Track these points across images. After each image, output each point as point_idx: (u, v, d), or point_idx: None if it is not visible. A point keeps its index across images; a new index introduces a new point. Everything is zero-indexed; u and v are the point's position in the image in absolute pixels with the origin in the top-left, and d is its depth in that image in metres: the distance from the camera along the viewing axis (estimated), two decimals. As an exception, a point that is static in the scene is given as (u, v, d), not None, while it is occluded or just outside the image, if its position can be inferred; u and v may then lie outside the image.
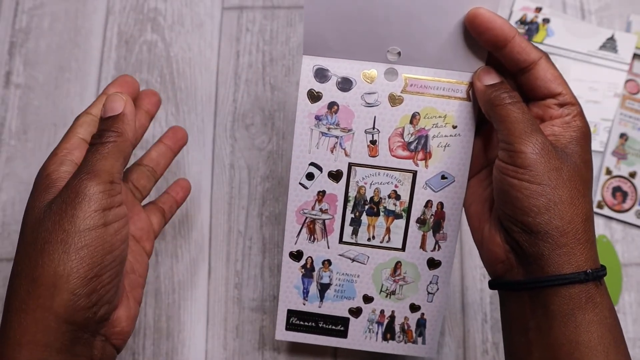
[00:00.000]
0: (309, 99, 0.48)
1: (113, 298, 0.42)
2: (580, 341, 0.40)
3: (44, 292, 0.39)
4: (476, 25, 0.43)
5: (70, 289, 0.39)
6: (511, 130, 0.41)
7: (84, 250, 0.39)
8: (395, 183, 0.49)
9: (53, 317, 0.39)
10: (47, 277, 0.39)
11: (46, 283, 0.39)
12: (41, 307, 0.39)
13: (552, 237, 0.40)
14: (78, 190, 0.40)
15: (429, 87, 0.47)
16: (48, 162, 0.43)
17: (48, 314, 0.39)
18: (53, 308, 0.39)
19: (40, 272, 0.39)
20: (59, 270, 0.39)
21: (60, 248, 0.39)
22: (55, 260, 0.39)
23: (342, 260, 0.51)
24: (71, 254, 0.39)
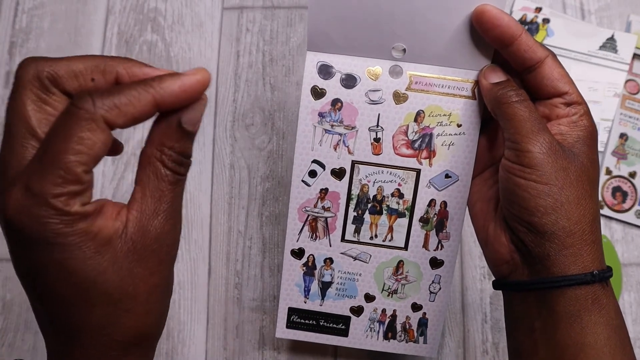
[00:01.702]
0: (313, 95, 0.47)
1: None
2: (587, 342, 0.39)
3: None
4: (483, 22, 0.42)
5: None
6: (518, 129, 0.41)
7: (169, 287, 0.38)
8: (399, 181, 0.49)
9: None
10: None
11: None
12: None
13: (558, 238, 0.40)
14: (167, 243, 0.35)
15: (434, 85, 0.47)
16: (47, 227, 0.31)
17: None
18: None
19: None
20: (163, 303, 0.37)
21: (155, 282, 0.35)
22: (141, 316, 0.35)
23: (344, 259, 0.51)
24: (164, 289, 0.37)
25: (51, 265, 0.31)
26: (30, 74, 0.32)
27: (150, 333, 0.36)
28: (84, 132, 0.30)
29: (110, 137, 0.31)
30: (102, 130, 0.31)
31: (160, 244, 0.34)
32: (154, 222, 0.34)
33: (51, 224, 0.30)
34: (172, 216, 0.34)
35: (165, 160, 0.34)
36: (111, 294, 0.33)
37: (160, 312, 0.37)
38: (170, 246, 0.35)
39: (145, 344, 0.36)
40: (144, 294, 0.34)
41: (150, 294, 0.35)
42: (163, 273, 0.35)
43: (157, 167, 0.34)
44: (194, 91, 0.34)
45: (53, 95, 0.33)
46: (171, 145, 0.34)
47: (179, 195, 0.35)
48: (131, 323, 0.34)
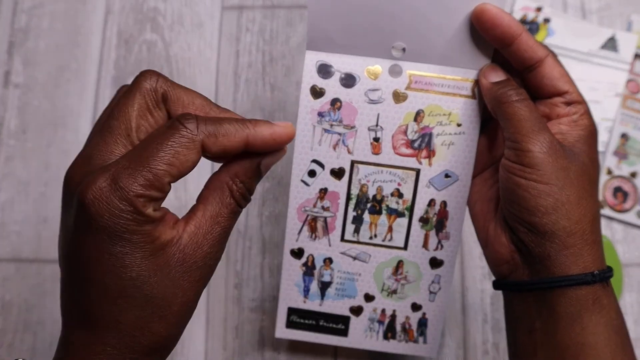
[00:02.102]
0: (312, 95, 0.47)
1: None
2: (587, 343, 0.39)
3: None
4: (483, 22, 0.42)
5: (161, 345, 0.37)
6: (518, 128, 0.41)
7: (183, 319, 0.38)
8: (398, 181, 0.49)
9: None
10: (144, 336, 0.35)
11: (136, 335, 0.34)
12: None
13: (559, 238, 0.40)
14: (213, 259, 0.37)
15: (434, 85, 0.47)
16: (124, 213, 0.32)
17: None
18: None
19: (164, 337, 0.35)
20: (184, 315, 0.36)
21: (182, 293, 0.35)
22: (162, 326, 0.35)
23: (344, 259, 0.51)
24: (175, 322, 0.36)
25: (109, 256, 0.32)
26: (149, 85, 0.36)
27: (171, 344, 0.37)
28: (181, 148, 0.33)
29: (199, 160, 0.34)
30: (197, 151, 0.34)
31: (205, 263, 0.36)
32: (207, 240, 0.35)
33: (125, 218, 0.32)
34: (221, 241, 0.36)
35: (234, 189, 0.36)
36: (153, 297, 0.34)
37: (184, 326, 0.37)
38: (212, 267, 0.37)
39: (163, 353, 0.36)
40: (179, 305, 0.35)
41: (184, 306, 0.35)
42: (199, 290, 0.36)
43: (224, 193, 0.36)
44: (281, 141, 0.37)
45: (159, 110, 0.36)
46: (244, 180, 0.37)
47: (232, 226, 0.37)
48: (160, 330, 0.35)
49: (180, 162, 0.33)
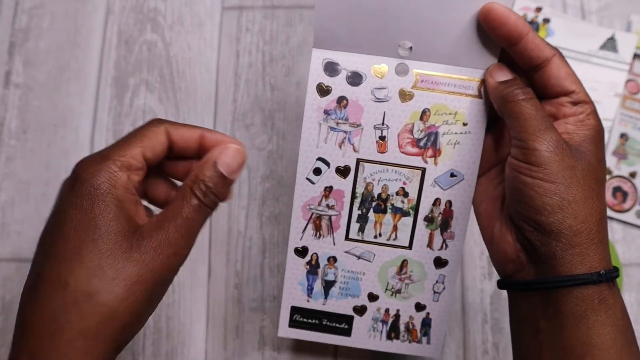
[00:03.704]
0: (318, 92, 0.47)
1: None
2: (593, 343, 0.39)
3: (118, 327, 0.37)
4: (490, 20, 0.42)
5: (137, 331, 0.40)
6: (524, 127, 0.41)
7: (155, 301, 0.40)
8: (404, 180, 0.49)
9: (114, 350, 0.38)
10: (124, 316, 0.37)
11: (123, 321, 0.37)
12: (111, 340, 0.37)
13: (565, 237, 0.40)
14: (173, 246, 0.39)
15: (440, 84, 0.47)
16: (111, 174, 0.39)
17: (113, 347, 0.38)
18: (120, 344, 0.38)
19: (120, 308, 0.37)
20: (136, 312, 0.38)
21: (142, 294, 0.38)
22: (135, 304, 0.37)
23: (348, 258, 0.51)
24: (147, 302, 0.38)
25: (82, 212, 0.38)
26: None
27: (118, 318, 0.37)
28: (150, 130, 0.41)
29: (166, 143, 0.41)
30: (162, 133, 0.41)
31: (161, 252, 0.39)
32: (166, 230, 0.39)
33: (108, 172, 0.38)
34: (184, 236, 0.40)
35: (194, 188, 0.40)
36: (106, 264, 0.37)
37: (136, 305, 0.38)
38: (165, 266, 0.39)
39: (111, 328, 0.37)
40: (131, 278, 0.37)
41: (136, 284, 0.38)
42: (147, 276, 0.38)
43: (185, 192, 0.40)
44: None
45: None
46: (203, 179, 0.40)
47: (196, 223, 0.40)
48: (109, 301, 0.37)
49: (149, 139, 0.40)
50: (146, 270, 0.38)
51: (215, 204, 0.41)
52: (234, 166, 0.42)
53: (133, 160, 0.40)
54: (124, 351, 0.63)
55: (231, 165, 0.41)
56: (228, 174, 0.41)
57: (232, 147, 0.42)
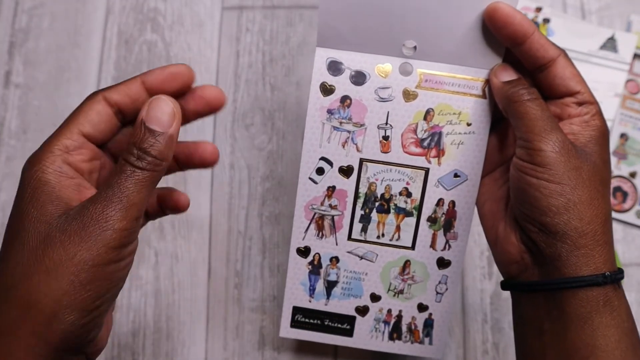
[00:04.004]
0: (322, 92, 0.47)
1: (103, 321, 0.39)
2: (597, 345, 0.39)
3: (40, 319, 0.35)
4: (495, 20, 0.42)
5: (71, 320, 0.35)
6: (530, 127, 0.41)
7: (93, 284, 0.36)
8: (407, 180, 0.48)
9: (45, 345, 0.35)
10: (47, 305, 0.35)
11: (45, 311, 0.35)
12: (35, 335, 0.35)
13: (570, 238, 0.39)
14: (102, 222, 0.36)
15: (444, 83, 0.46)
16: (43, 161, 0.37)
17: (41, 342, 0.35)
18: (49, 337, 0.35)
19: (40, 297, 0.35)
20: (63, 300, 0.35)
21: (69, 278, 0.35)
22: (61, 290, 0.35)
23: (350, 258, 0.51)
24: (79, 286, 0.35)
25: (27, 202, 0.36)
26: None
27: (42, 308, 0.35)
28: (84, 106, 0.39)
29: (108, 110, 0.39)
30: (98, 102, 0.39)
31: (90, 232, 0.35)
32: (94, 207, 0.36)
33: (39, 160, 0.37)
34: (120, 209, 0.36)
35: (125, 155, 0.37)
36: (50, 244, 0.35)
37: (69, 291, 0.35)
38: (97, 245, 0.36)
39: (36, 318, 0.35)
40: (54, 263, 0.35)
41: (61, 268, 0.35)
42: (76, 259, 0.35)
43: (119, 163, 0.37)
44: (177, 76, 0.40)
45: None
46: (134, 142, 0.37)
47: (133, 192, 0.37)
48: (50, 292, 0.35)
49: (84, 113, 0.39)
50: (68, 255, 0.35)
51: (155, 165, 0.37)
52: (163, 118, 0.37)
53: (68, 141, 0.38)
54: (124, 351, 0.63)
55: (160, 118, 0.37)
56: (160, 128, 0.37)
57: (157, 98, 0.38)
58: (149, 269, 0.66)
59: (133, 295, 0.65)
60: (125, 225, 0.36)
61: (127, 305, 0.65)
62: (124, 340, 0.64)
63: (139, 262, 0.66)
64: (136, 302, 0.65)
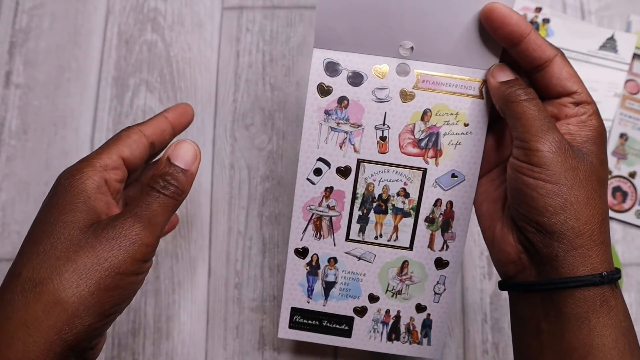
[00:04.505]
0: (319, 92, 0.47)
1: (106, 330, 0.42)
2: (594, 345, 0.39)
3: (64, 317, 0.37)
4: (492, 20, 0.42)
5: (90, 322, 0.37)
6: (527, 127, 0.41)
7: (114, 291, 0.38)
8: (405, 181, 0.49)
9: (62, 342, 0.37)
10: (73, 304, 0.37)
11: (70, 310, 0.37)
12: (56, 331, 0.36)
13: (567, 238, 0.39)
14: (132, 234, 0.39)
15: (441, 84, 0.46)
16: (85, 173, 0.41)
17: (60, 339, 0.37)
18: (68, 335, 0.37)
19: (68, 296, 0.37)
20: (87, 302, 0.37)
21: (96, 282, 0.37)
22: (88, 291, 0.37)
23: (348, 259, 0.51)
24: (104, 291, 0.38)
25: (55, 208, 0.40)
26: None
27: (64, 306, 0.37)
28: (123, 133, 0.44)
29: (143, 140, 0.45)
30: (135, 132, 0.45)
31: (116, 243, 0.39)
32: (123, 222, 0.40)
33: (81, 172, 0.41)
34: (144, 226, 0.40)
35: (152, 182, 0.42)
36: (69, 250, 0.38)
37: (88, 294, 0.38)
38: (121, 256, 0.39)
39: (55, 317, 0.37)
40: (81, 266, 0.38)
41: (87, 272, 0.38)
42: (101, 265, 0.38)
43: (145, 187, 0.42)
44: (187, 112, 0.49)
45: None
46: (159, 173, 0.42)
47: (157, 214, 0.41)
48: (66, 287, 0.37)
49: (123, 139, 0.44)
50: (98, 260, 0.38)
51: (177, 195, 0.42)
52: (187, 157, 0.43)
53: (109, 160, 0.42)
54: (124, 351, 0.63)
55: (184, 156, 0.43)
56: (184, 165, 0.43)
57: (182, 142, 0.44)
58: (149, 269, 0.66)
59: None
60: (151, 241, 0.40)
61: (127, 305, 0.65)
62: (124, 340, 0.64)
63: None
64: (136, 302, 0.65)
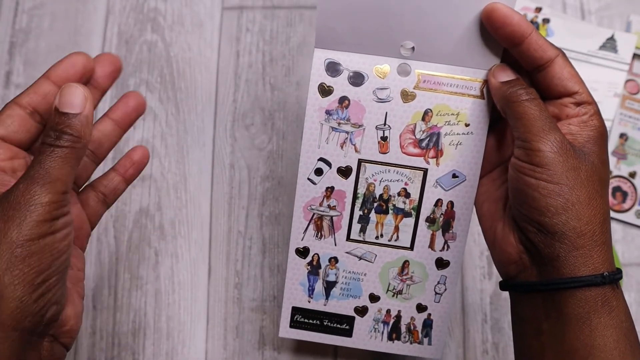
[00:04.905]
0: (320, 93, 0.47)
1: (61, 298, 0.40)
2: (596, 345, 0.39)
3: None
4: (493, 20, 0.42)
5: (18, 296, 0.36)
6: (528, 127, 0.41)
7: (31, 258, 0.37)
8: (405, 181, 0.49)
9: (2, 327, 0.36)
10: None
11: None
12: None
13: (568, 239, 0.39)
14: (28, 198, 0.37)
15: (442, 84, 0.46)
16: None
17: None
18: (3, 318, 0.36)
19: None
20: (4, 278, 0.36)
21: (5, 256, 0.36)
22: (0, 269, 0.36)
23: (349, 258, 0.51)
24: (18, 262, 0.36)
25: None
26: None
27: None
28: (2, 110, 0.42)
29: (16, 112, 0.42)
30: (8, 107, 0.42)
31: (13, 214, 0.37)
32: (15, 190, 0.38)
33: None
34: (44, 185, 0.38)
35: (43, 138, 0.39)
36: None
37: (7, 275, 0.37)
38: (25, 225, 0.37)
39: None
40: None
41: None
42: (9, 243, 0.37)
43: (38, 146, 0.39)
44: (76, 62, 0.43)
45: None
46: (50, 126, 0.39)
47: (56, 169, 0.38)
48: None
49: (5, 125, 0.41)
50: (2, 232, 0.36)
51: (74, 142, 0.39)
52: (76, 100, 0.39)
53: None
54: (124, 351, 0.63)
55: (72, 101, 0.39)
56: (73, 109, 0.39)
57: (66, 86, 0.40)
58: (149, 269, 0.66)
59: (133, 295, 0.65)
60: (52, 199, 0.38)
61: (127, 305, 0.65)
62: (124, 340, 0.64)
63: (139, 262, 0.66)
64: (136, 302, 0.65)
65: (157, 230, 0.67)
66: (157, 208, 0.67)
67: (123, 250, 0.66)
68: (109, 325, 0.64)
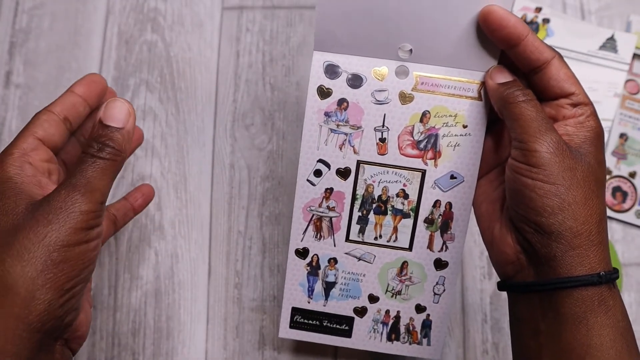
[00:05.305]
0: (319, 95, 0.47)
1: (79, 304, 0.41)
2: (592, 345, 0.39)
3: (18, 301, 0.37)
4: (489, 23, 0.42)
5: (48, 299, 0.37)
6: (525, 128, 0.41)
7: (65, 264, 0.38)
8: (404, 182, 0.49)
9: (25, 327, 0.37)
10: (23, 286, 0.37)
11: (22, 292, 0.37)
12: (14, 316, 0.37)
13: (565, 238, 0.40)
14: (70, 205, 0.39)
15: (440, 86, 0.47)
16: (4, 162, 0.41)
17: (20, 323, 0.37)
18: (28, 318, 0.37)
19: (16, 280, 0.37)
20: (38, 281, 0.37)
21: (41, 259, 0.37)
22: (35, 270, 0.37)
23: (348, 259, 0.51)
24: (52, 266, 0.37)
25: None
26: None
27: (13, 289, 0.37)
28: (34, 117, 0.44)
29: (52, 117, 0.44)
30: (44, 113, 0.44)
31: (54, 216, 0.38)
32: (58, 194, 0.39)
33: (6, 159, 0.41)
34: (84, 193, 0.39)
35: (86, 148, 0.41)
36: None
37: (31, 272, 0.37)
38: (60, 228, 0.38)
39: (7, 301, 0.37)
40: (17, 246, 0.37)
41: (25, 250, 0.37)
42: (41, 241, 0.38)
43: (80, 155, 0.41)
44: (95, 80, 0.47)
45: None
46: (93, 137, 0.41)
47: (96, 178, 0.40)
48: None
49: (34, 122, 0.43)
50: (38, 238, 0.37)
51: (115, 155, 0.41)
52: (120, 115, 0.42)
53: (24, 144, 0.42)
54: (124, 351, 0.63)
55: (117, 115, 0.42)
56: (117, 124, 0.42)
57: (111, 101, 0.42)
58: (149, 269, 0.66)
59: (133, 295, 0.65)
60: (91, 208, 0.39)
61: (127, 305, 0.65)
62: (124, 340, 0.64)
63: (139, 262, 0.66)
64: (136, 302, 0.65)
65: (157, 230, 0.67)
66: (157, 208, 0.67)
67: (123, 250, 0.66)
68: (108, 325, 0.64)
